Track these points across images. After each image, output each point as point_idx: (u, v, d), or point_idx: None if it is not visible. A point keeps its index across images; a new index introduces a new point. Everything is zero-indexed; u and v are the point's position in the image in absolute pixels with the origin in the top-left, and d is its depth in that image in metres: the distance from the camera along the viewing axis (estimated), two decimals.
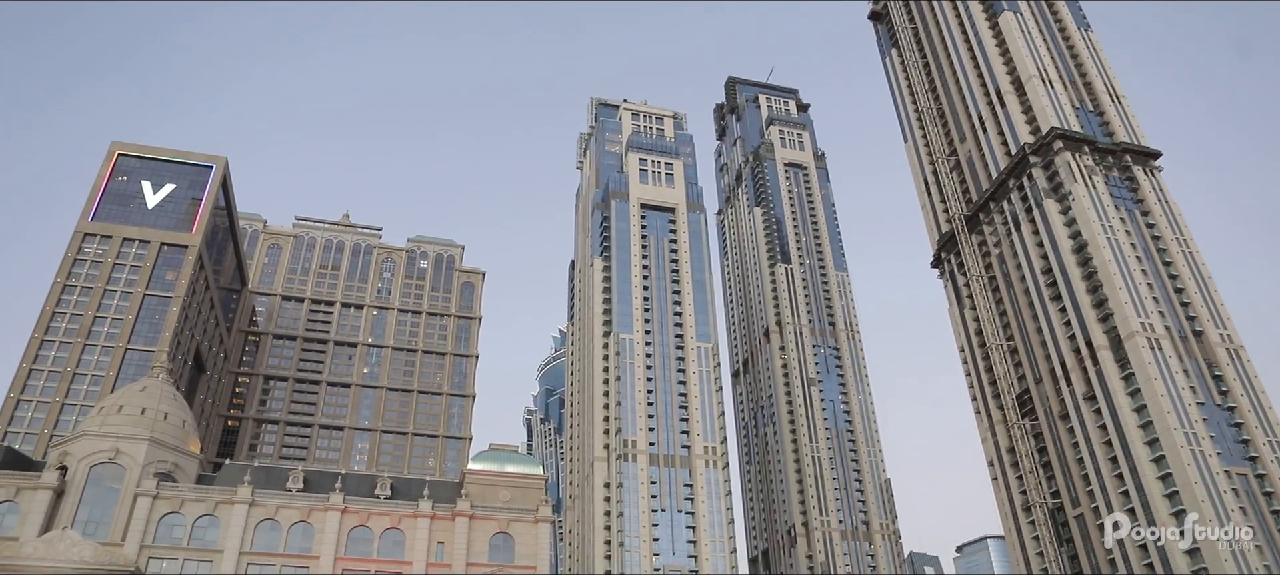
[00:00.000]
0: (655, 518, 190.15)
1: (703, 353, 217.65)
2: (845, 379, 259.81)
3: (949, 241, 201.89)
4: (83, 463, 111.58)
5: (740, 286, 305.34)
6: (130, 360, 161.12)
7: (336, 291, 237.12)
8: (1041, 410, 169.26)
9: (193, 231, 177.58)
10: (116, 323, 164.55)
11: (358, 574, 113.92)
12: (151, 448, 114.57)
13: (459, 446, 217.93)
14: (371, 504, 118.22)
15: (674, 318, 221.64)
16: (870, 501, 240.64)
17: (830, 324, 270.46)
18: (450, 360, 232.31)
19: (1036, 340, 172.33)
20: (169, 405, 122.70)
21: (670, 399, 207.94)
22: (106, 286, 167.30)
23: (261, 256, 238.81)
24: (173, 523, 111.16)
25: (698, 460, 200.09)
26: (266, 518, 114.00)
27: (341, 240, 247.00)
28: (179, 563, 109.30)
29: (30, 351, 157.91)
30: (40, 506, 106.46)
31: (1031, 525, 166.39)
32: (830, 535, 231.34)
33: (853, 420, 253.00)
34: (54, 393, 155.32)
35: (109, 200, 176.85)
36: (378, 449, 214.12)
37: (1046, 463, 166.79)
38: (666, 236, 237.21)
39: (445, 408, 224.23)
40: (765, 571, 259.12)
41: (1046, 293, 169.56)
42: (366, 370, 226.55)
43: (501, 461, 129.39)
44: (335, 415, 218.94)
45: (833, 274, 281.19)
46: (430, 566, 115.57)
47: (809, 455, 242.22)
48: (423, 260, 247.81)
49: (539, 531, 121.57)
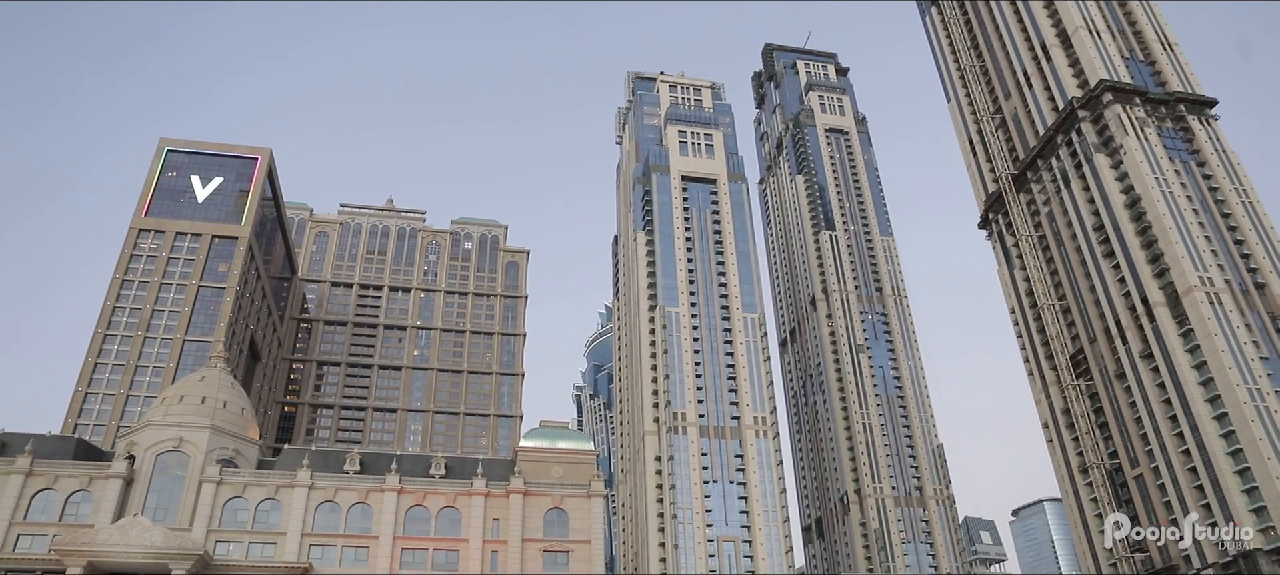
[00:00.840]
0: (707, 489, 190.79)
1: (749, 323, 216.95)
2: (894, 345, 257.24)
3: (996, 202, 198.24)
4: (149, 452, 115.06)
5: (785, 255, 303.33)
6: (189, 351, 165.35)
7: (384, 276, 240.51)
8: (1097, 370, 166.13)
9: (242, 223, 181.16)
10: (174, 315, 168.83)
11: (416, 552, 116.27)
12: (213, 435, 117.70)
13: (510, 425, 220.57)
14: (427, 484, 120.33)
15: (719, 289, 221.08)
16: (923, 467, 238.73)
17: (877, 289, 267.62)
18: (498, 340, 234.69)
19: (1089, 299, 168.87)
20: (228, 393, 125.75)
21: (718, 370, 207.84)
22: (162, 280, 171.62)
23: (309, 244, 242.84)
24: (237, 507, 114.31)
25: (748, 431, 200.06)
26: (326, 500, 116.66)
27: (386, 225, 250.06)
28: (244, 546, 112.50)
29: (94, 346, 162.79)
30: (112, 495, 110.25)
31: (1089, 487, 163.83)
32: (883, 502, 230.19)
33: (903, 386, 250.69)
34: (118, 385, 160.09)
35: (160, 196, 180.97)
36: (431, 430, 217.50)
37: (1103, 423, 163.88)
38: (709, 208, 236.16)
39: (495, 387, 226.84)
40: (819, 540, 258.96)
41: (1099, 250, 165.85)
42: (417, 352, 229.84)
43: (553, 438, 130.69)
44: (388, 398, 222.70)
45: (878, 239, 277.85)
46: (486, 543, 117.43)
47: (860, 422, 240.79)
48: (467, 242, 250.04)
49: (592, 506, 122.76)
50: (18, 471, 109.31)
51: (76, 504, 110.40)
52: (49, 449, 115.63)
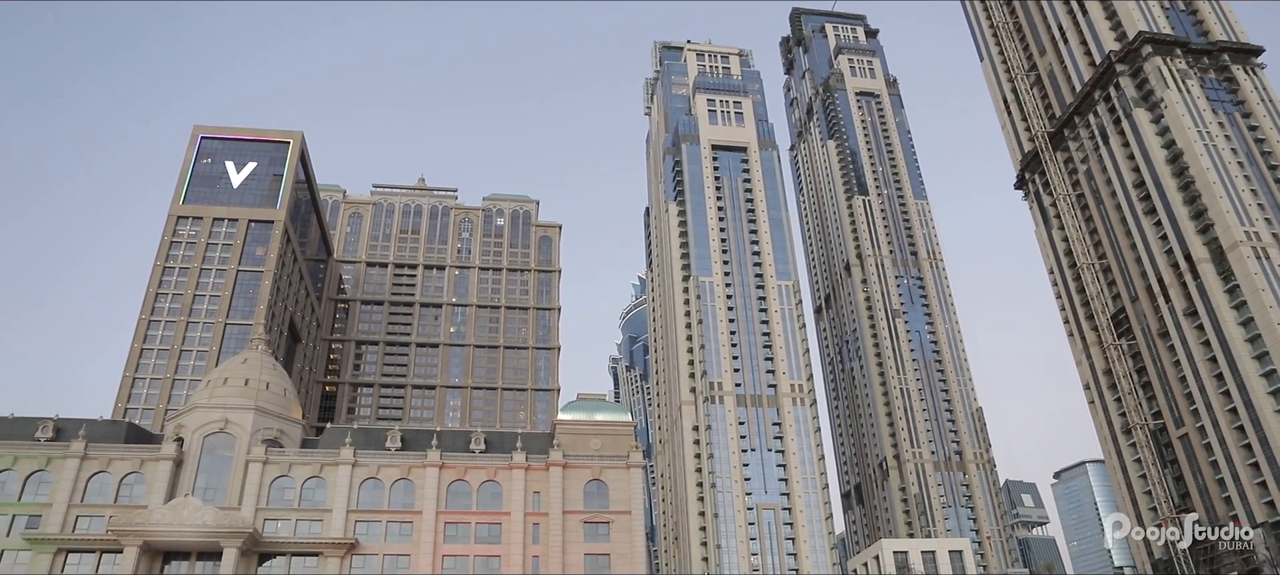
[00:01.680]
0: (745, 458, 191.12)
1: (783, 290, 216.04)
2: (930, 309, 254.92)
3: (1032, 161, 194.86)
4: (196, 434, 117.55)
5: (818, 221, 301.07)
6: (230, 334, 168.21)
7: (418, 254, 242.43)
8: (1139, 329, 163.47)
9: (277, 206, 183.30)
10: (215, 299, 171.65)
11: (459, 525, 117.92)
12: (257, 416, 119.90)
13: (548, 398, 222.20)
14: (468, 459, 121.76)
15: (752, 257, 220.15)
16: (962, 431, 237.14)
17: (912, 254, 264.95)
18: (533, 314, 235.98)
19: (1130, 257, 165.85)
20: (270, 375, 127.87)
21: (753, 339, 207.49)
22: (202, 265, 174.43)
23: (344, 226, 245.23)
24: (283, 486, 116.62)
25: (785, 398, 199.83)
26: (369, 477, 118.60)
27: (419, 204, 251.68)
28: (292, 523, 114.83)
29: (139, 332, 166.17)
30: (163, 476, 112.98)
31: (1132, 448, 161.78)
32: (923, 466, 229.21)
33: (940, 350, 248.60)
34: (164, 369, 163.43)
35: (197, 182, 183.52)
36: (469, 405, 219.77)
37: (1146, 383, 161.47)
38: (740, 176, 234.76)
39: (532, 361, 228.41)
40: (858, 506, 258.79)
41: (1140, 207, 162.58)
42: (453, 329, 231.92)
43: (590, 410, 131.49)
44: (426, 375, 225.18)
45: (912, 202, 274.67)
46: (528, 516, 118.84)
47: (897, 387, 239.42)
48: (499, 218, 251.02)
49: (631, 477, 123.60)
50: (73, 456, 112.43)
51: (130, 486, 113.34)
52: (101, 433, 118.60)
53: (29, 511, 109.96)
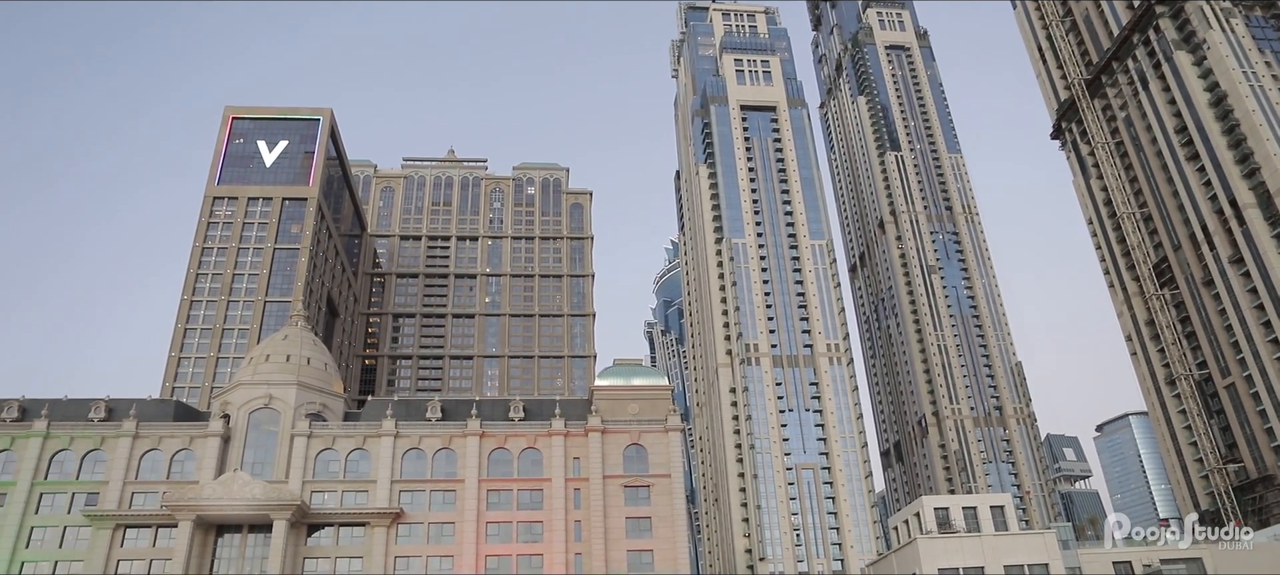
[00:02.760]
0: (783, 418, 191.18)
1: (817, 250, 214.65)
2: (967, 264, 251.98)
3: (1069, 109, 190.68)
4: (242, 410, 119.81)
5: (850, 179, 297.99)
6: (270, 312, 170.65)
7: (451, 226, 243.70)
8: (1182, 278, 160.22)
9: (310, 183, 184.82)
10: (253, 278, 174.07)
11: (501, 493, 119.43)
12: (300, 391, 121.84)
13: (584, 365, 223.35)
14: (508, 427, 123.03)
15: (785, 217, 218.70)
16: (1001, 386, 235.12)
17: (947, 209, 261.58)
18: (567, 282, 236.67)
19: (1172, 205, 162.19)
20: (310, 350, 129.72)
21: (788, 299, 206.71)
22: (239, 245, 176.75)
23: (376, 200, 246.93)
24: (328, 459, 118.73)
25: (821, 358, 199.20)
26: (412, 447, 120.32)
27: (450, 176, 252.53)
28: (338, 495, 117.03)
29: (182, 312, 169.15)
30: (212, 452, 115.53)
31: (1177, 399, 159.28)
32: (962, 423, 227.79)
33: (978, 305, 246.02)
34: (208, 348, 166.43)
35: (231, 163, 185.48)
36: (507, 374, 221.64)
37: (1190, 333, 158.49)
38: (770, 136, 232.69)
39: (567, 329, 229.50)
40: (898, 463, 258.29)
41: (1182, 153, 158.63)
42: (488, 299, 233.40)
43: (627, 376, 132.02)
44: (463, 345, 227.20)
45: (946, 157, 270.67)
46: (569, 481, 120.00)
47: (934, 344, 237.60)
48: (530, 187, 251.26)
49: (670, 440, 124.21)
50: (125, 435, 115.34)
51: (181, 462, 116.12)
52: (151, 412, 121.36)
53: (87, 489, 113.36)
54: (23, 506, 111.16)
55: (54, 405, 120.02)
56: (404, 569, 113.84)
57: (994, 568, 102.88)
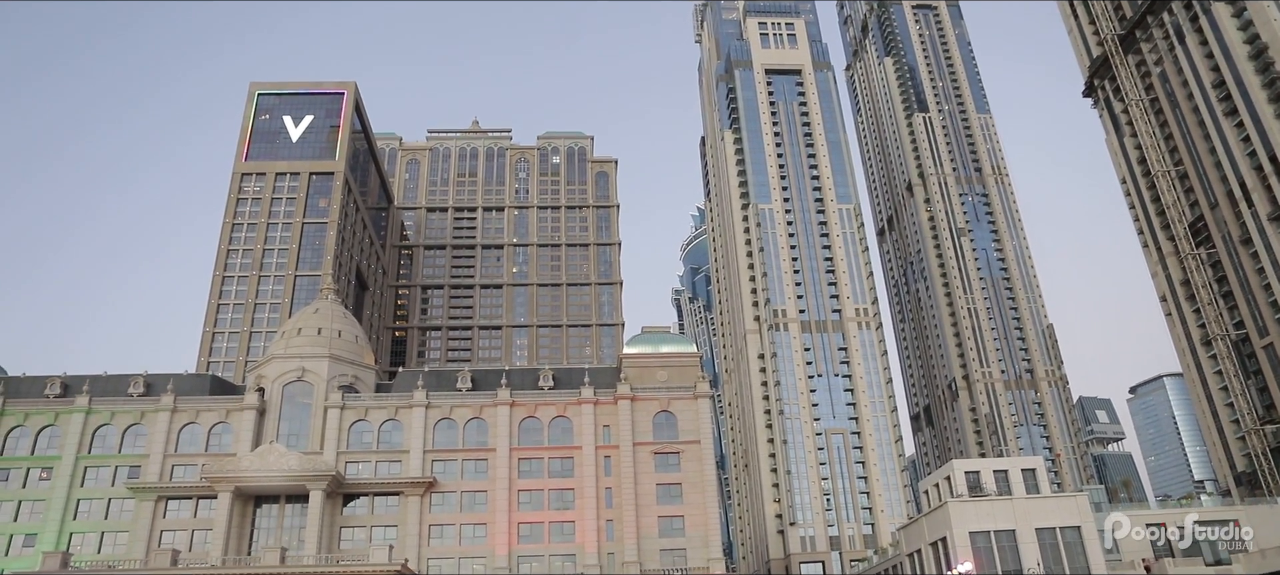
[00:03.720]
0: (812, 383, 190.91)
1: (844, 214, 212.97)
2: (997, 226, 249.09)
3: (1102, 66, 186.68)
4: (276, 383, 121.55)
5: (877, 142, 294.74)
6: (301, 286, 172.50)
7: (477, 197, 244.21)
8: (1219, 237, 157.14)
9: (336, 157, 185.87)
10: (283, 253, 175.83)
11: (532, 460, 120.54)
12: (332, 364, 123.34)
13: (613, 333, 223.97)
14: (537, 396, 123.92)
15: (811, 182, 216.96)
16: (1033, 349, 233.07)
17: (976, 170, 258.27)
18: (594, 250, 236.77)
19: (1209, 162, 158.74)
20: (341, 323, 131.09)
21: (816, 264, 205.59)
22: (268, 220, 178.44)
23: (402, 172, 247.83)
24: (361, 429, 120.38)
25: (850, 323, 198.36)
26: (443, 417, 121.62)
27: (474, 146, 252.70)
28: (372, 465, 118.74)
29: (215, 288, 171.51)
30: (248, 425, 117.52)
31: (1213, 360, 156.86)
32: (993, 386, 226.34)
33: (1008, 267, 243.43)
34: (241, 323, 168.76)
35: (257, 138, 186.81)
36: (536, 343, 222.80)
37: (1227, 292, 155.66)
38: (795, 100, 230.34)
39: (595, 297, 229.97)
40: (928, 427, 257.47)
41: (1220, 108, 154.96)
42: (515, 269, 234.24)
43: (656, 343, 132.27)
44: (492, 316, 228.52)
45: (975, 117, 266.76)
46: (599, 449, 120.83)
47: (964, 307, 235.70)
48: (555, 155, 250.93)
49: (699, 407, 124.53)
50: (164, 409, 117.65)
51: (218, 435, 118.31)
52: (188, 387, 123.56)
53: (129, 462, 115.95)
54: (69, 480, 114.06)
55: (94, 381, 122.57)
56: (438, 537, 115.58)
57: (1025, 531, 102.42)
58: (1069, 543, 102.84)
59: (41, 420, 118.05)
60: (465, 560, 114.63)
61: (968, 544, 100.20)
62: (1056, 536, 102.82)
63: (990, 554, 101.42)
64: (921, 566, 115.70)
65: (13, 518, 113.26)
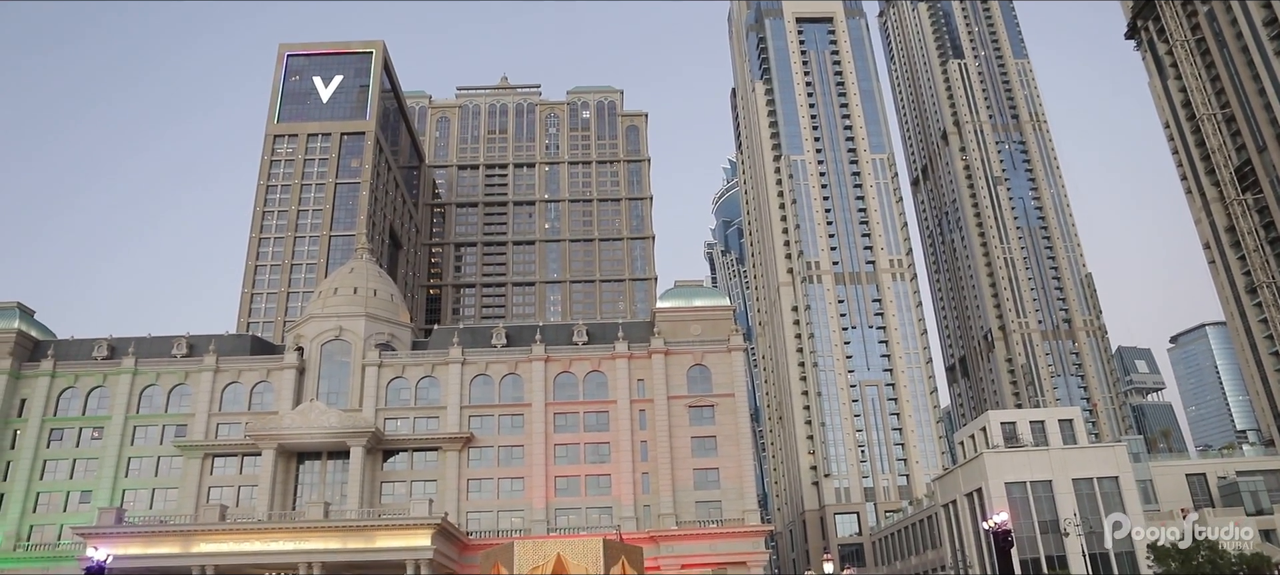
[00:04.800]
0: (846, 335, 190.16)
1: (878, 164, 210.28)
2: (1034, 174, 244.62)
3: (1145, 6, 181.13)
4: (314, 342, 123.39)
5: (911, 90, 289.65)
6: (335, 246, 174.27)
7: (507, 154, 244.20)
8: (1266, 181, 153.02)
9: (367, 117, 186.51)
10: (318, 213, 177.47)
11: (568, 415, 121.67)
12: (368, 322, 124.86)
13: (645, 287, 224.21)
14: (572, 351, 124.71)
15: (844, 132, 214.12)
16: (1070, 298, 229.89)
17: (1013, 117, 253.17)
18: (626, 205, 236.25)
19: (1258, 103, 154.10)
20: (376, 282, 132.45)
21: (849, 215, 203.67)
22: (302, 181, 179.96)
23: (432, 131, 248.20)
24: (399, 386, 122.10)
25: (884, 274, 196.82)
26: (479, 374, 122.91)
27: (504, 103, 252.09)
28: (410, 421, 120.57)
29: (252, 250, 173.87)
30: (288, 383, 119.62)
31: (1258, 308, 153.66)
32: (1030, 336, 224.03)
33: (1046, 216, 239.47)
34: (278, 283, 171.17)
35: (288, 100, 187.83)
36: (569, 299, 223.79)
37: (1274, 238, 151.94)
38: (827, 48, 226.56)
39: (627, 252, 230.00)
40: (964, 378, 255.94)
41: (1270, 47, 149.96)
42: (547, 226, 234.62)
43: (689, 297, 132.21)
44: (525, 272, 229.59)
45: (1012, 63, 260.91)
46: (634, 403, 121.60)
47: (1000, 257, 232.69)
48: (584, 110, 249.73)
49: (733, 360, 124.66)
50: (207, 369, 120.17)
51: (260, 394, 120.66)
52: (229, 347, 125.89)
53: (175, 421, 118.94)
54: (119, 439, 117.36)
55: (139, 343, 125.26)
56: (476, 491, 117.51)
57: (1062, 482, 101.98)
58: (1106, 493, 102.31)
59: (91, 381, 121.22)
60: (504, 514, 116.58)
61: (1003, 494, 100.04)
62: (1093, 486, 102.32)
63: (1026, 504, 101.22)
64: (956, 517, 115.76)
65: (68, 475, 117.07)
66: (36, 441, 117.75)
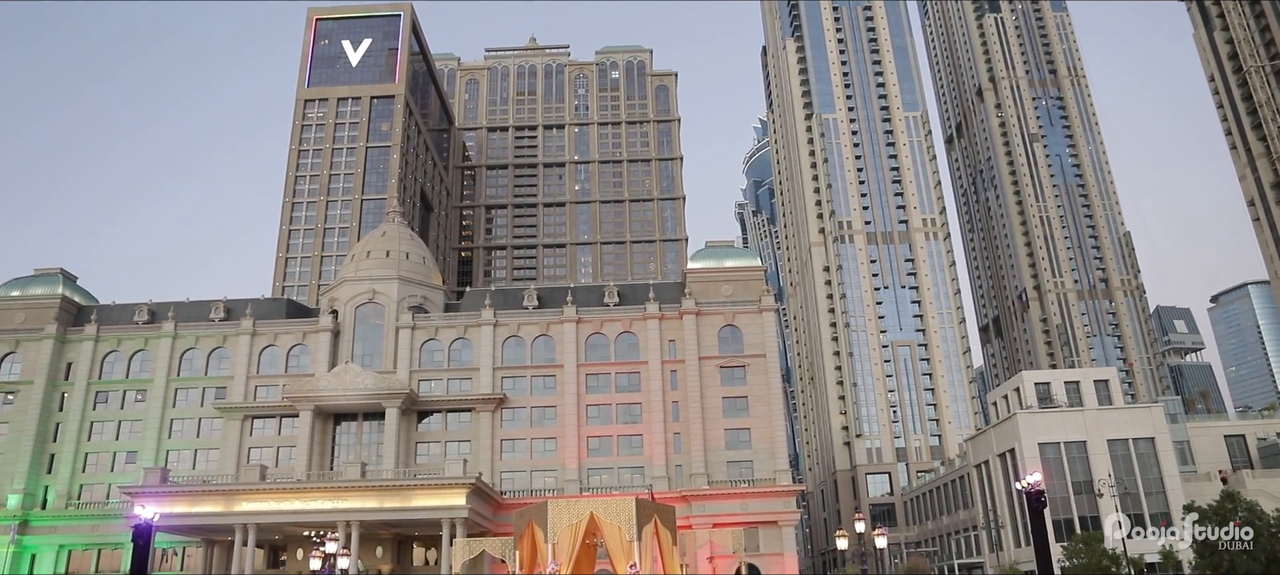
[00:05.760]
0: (879, 295, 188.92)
1: (911, 122, 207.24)
2: (1072, 130, 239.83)
3: None
4: (348, 305, 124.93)
5: (945, 46, 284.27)
6: (367, 209, 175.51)
7: (537, 115, 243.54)
8: None
9: (396, 80, 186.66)
10: (349, 177, 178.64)
11: (599, 376, 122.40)
12: (401, 285, 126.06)
13: (676, 248, 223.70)
14: (603, 312, 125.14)
15: (877, 90, 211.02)
16: (1108, 257, 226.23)
17: (1051, 72, 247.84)
18: (656, 166, 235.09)
19: None
20: (409, 245, 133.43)
21: (882, 174, 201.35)
22: (333, 146, 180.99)
23: (461, 93, 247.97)
24: (432, 348, 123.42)
25: (917, 234, 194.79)
26: (511, 335, 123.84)
27: (533, 64, 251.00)
28: (444, 382, 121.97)
29: (285, 214, 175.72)
30: (324, 346, 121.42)
31: None
32: (1065, 296, 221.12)
33: (1083, 173, 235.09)
34: (312, 247, 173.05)
35: (318, 65, 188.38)
36: (600, 260, 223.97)
37: None
38: (859, 4, 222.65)
39: (658, 213, 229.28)
40: (997, 339, 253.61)
41: None
42: (578, 187, 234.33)
43: (720, 258, 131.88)
44: (556, 234, 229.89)
45: (1050, 15, 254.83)
46: (665, 363, 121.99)
47: (1036, 216, 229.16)
48: (613, 71, 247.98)
49: (764, 321, 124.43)
50: (244, 333, 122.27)
51: (296, 357, 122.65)
52: (266, 311, 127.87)
53: (215, 384, 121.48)
54: (161, 401, 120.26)
55: (178, 307, 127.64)
56: (510, 451, 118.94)
57: (1097, 442, 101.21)
58: (1142, 454, 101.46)
59: (133, 345, 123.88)
60: (536, 473, 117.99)
61: (1036, 455, 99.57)
62: (1129, 447, 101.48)
63: (1060, 465, 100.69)
64: (989, 477, 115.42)
65: (114, 437, 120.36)
66: (83, 404, 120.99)
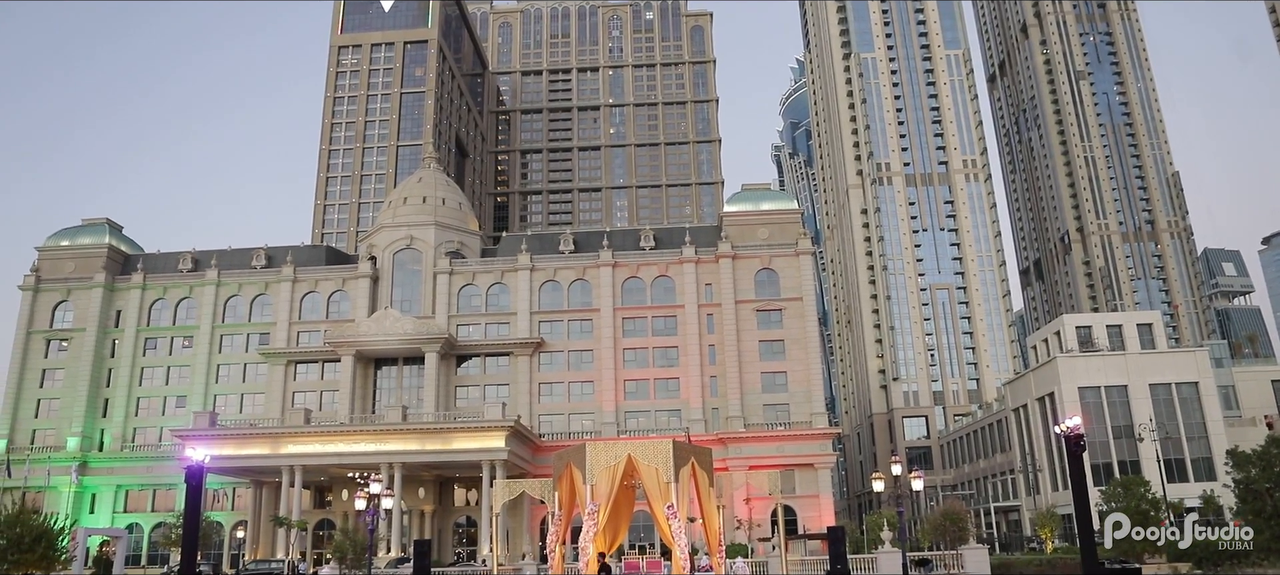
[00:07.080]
0: (917, 238, 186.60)
1: (952, 61, 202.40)
2: (1120, 67, 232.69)
3: None
4: (386, 252, 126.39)
5: None
6: (403, 156, 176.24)
7: (571, 58, 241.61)
8: None
9: (429, 25, 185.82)
10: (384, 124, 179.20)
11: (636, 320, 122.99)
12: (438, 231, 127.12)
13: (712, 192, 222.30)
14: (639, 256, 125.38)
15: (917, 27, 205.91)
16: (1155, 198, 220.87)
17: (1099, 5, 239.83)
18: (691, 108, 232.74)
19: None
20: (445, 191, 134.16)
21: (921, 115, 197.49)
22: (367, 92, 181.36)
23: (494, 38, 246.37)
24: (469, 293, 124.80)
25: (957, 175, 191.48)
26: (547, 280, 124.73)
27: (566, 7, 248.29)
28: (482, 327, 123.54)
29: (322, 162, 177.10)
30: (363, 292, 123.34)
31: None
32: (1109, 238, 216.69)
33: (1131, 111, 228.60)
34: (349, 194, 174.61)
35: (351, 11, 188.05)
36: (635, 204, 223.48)
37: None
38: None
39: (694, 155, 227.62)
40: (1038, 282, 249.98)
41: None
42: (613, 131, 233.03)
43: (756, 200, 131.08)
44: (591, 178, 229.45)
45: None
46: (701, 307, 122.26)
47: (1080, 156, 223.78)
48: (648, 11, 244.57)
49: (801, 264, 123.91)
50: (285, 280, 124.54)
51: (336, 303, 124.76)
52: (305, 258, 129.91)
53: (259, 330, 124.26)
54: (207, 347, 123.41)
55: (221, 255, 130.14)
56: (548, 394, 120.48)
57: (1138, 386, 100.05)
58: (1185, 398, 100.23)
59: (179, 293, 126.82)
60: (574, 416, 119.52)
61: (1076, 399, 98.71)
62: (1171, 392, 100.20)
63: (1100, 409, 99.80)
64: (1027, 421, 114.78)
65: (164, 382, 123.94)
66: (134, 350, 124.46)
